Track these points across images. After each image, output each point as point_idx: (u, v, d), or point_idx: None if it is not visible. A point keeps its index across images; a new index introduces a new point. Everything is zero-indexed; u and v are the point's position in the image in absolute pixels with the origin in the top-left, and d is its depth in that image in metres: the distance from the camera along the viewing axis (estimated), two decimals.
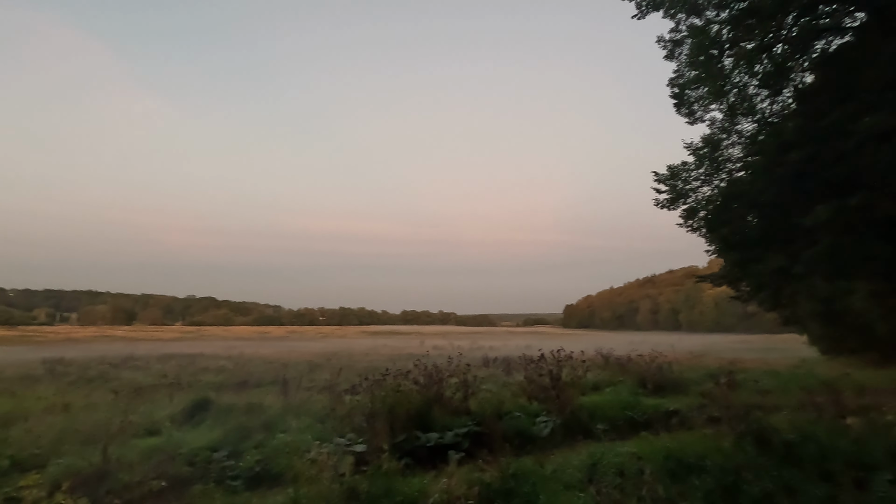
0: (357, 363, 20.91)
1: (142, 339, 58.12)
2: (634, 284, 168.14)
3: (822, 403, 7.03)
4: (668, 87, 13.12)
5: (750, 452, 5.10)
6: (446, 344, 37.59)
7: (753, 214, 11.36)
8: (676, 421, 7.72)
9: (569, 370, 9.72)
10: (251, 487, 5.28)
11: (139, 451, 6.06)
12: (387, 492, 4.39)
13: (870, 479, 4.59)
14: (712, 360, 18.64)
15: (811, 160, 9.22)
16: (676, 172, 12.98)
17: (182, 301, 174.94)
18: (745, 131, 12.27)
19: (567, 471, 5.01)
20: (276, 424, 7.76)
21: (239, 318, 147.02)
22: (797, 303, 18.34)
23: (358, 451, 6.00)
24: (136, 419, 8.06)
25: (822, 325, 20.44)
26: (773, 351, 30.25)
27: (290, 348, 39.14)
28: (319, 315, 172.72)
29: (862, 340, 18.77)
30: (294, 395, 10.25)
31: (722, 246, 12.88)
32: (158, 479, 4.36)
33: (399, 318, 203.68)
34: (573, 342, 20.01)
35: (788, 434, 5.46)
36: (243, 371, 19.20)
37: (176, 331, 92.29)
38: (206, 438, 7.01)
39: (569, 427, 7.39)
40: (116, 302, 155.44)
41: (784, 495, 4.31)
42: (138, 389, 12.60)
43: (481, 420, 7.26)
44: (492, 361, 18.00)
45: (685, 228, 13.42)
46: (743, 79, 11.65)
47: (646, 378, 11.21)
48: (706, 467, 4.84)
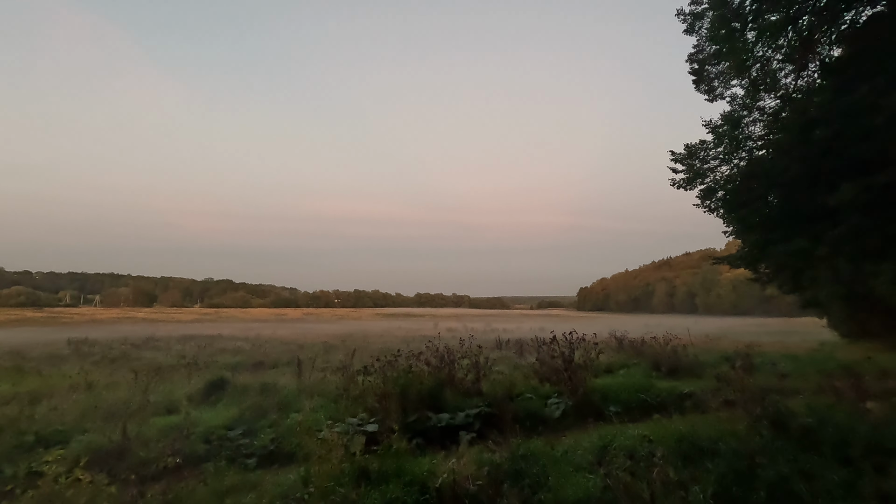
0: (371, 345, 21.12)
1: (162, 321, 59.49)
2: (650, 267, 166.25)
3: (842, 387, 6.88)
4: (686, 62, 12.69)
5: (766, 436, 5.01)
6: (460, 326, 37.79)
7: (774, 194, 11.00)
8: (690, 404, 7.63)
9: (581, 352, 9.66)
10: (264, 465, 5.38)
11: (157, 428, 6.22)
12: (397, 471, 4.42)
13: (891, 464, 4.48)
14: (729, 344, 18.40)
15: (837, 137, 8.84)
16: (694, 151, 12.59)
17: (200, 284, 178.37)
18: (768, 108, 11.79)
19: (577, 453, 4.99)
20: (291, 404, 7.89)
21: (256, 301, 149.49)
22: (818, 285, 17.88)
23: (370, 430, 6.06)
24: (156, 398, 8.28)
25: (843, 307, 19.95)
26: (792, 334, 29.75)
27: (306, 330, 39.72)
28: (335, 297, 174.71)
29: (885, 324, 18.30)
30: (308, 375, 10.39)
31: (741, 227, 12.55)
32: (174, 456, 4.45)
33: (413, 300, 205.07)
34: (587, 325, 19.93)
35: (806, 418, 5.35)
36: (260, 352, 19.57)
37: (195, 312, 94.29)
38: (223, 417, 7.17)
39: (580, 409, 7.36)
40: (138, 284, 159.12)
41: (801, 480, 4.23)
42: (158, 369, 12.92)
43: (493, 401, 7.28)
44: (504, 344, 18.02)
45: (702, 209, 13.10)
46: (766, 53, 11.15)
47: (660, 361, 11.11)
48: (720, 451, 4.77)
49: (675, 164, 13.03)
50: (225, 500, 3.93)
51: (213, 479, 4.30)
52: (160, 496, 3.67)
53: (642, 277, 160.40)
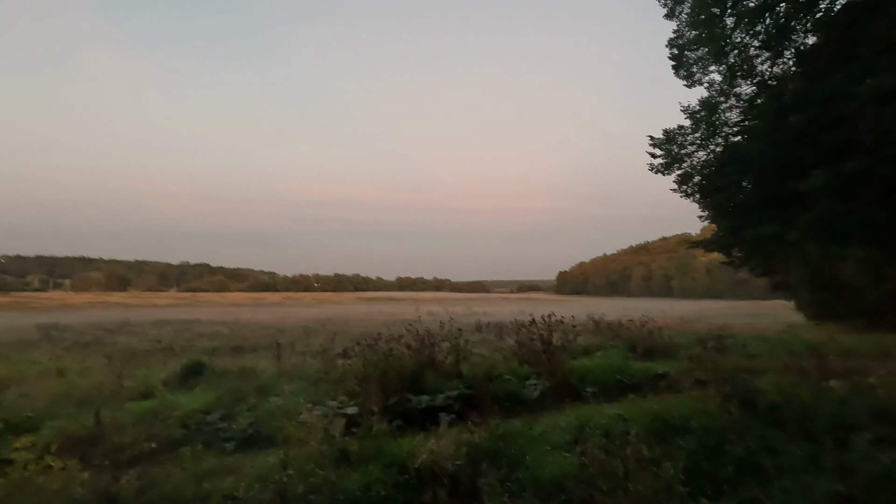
0: (352, 328, 21.08)
1: (137, 306, 58.16)
2: (628, 251, 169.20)
3: (808, 367, 7.17)
4: (666, 47, 12.76)
5: (735, 414, 5.20)
6: (441, 310, 37.91)
7: (748, 180, 11.26)
8: (664, 384, 7.85)
9: (560, 335, 9.81)
10: (243, 449, 5.36)
11: (132, 414, 6.12)
12: (377, 452, 4.45)
13: (851, 439, 4.70)
14: (702, 326, 18.94)
15: (810, 123, 9.05)
16: (672, 137, 12.74)
17: (176, 268, 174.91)
18: (744, 94, 11.98)
19: (555, 432, 5.09)
20: (270, 388, 7.85)
21: (234, 285, 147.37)
22: (788, 269, 18.53)
23: (350, 413, 6.07)
24: (131, 383, 8.14)
25: (811, 290, 20.74)
26: (762, 317, 30.78)
27: (285, 314, 39.39)
28: (314, 281, 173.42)
29: (849, 306, 19.10)
30: (288, 359, 10.35)
31: (715, 212, 12.84)
32: (150, 441, 4.39)
33: (394, 284, 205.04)
34: (566, 308, 20.21)
35: (773, 396, 5.57)
36: (238, 336, 19.37)
37: (171, 297, 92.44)
38: (200, 401, 7.09)
39: (558, 390, 7.52)
40: (110, 268, 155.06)
41: (766, 455, 4.40)
42: (133, 354, 12.68)
43: (472, 383, 7.37)
44: (484, 327, 18.20)
45: (679, 194, 13.32)
46: (744, 39, 11.28)
47: (636, 342, 11.38)
48: (691, 428, 4.94)
49: (653, 148, 13.18)
50: (202, 483, 3.90)
51: (190, 463, 4.26)
52: (135, 481, 3.63)
53: (620, 261, 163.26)
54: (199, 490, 3.79)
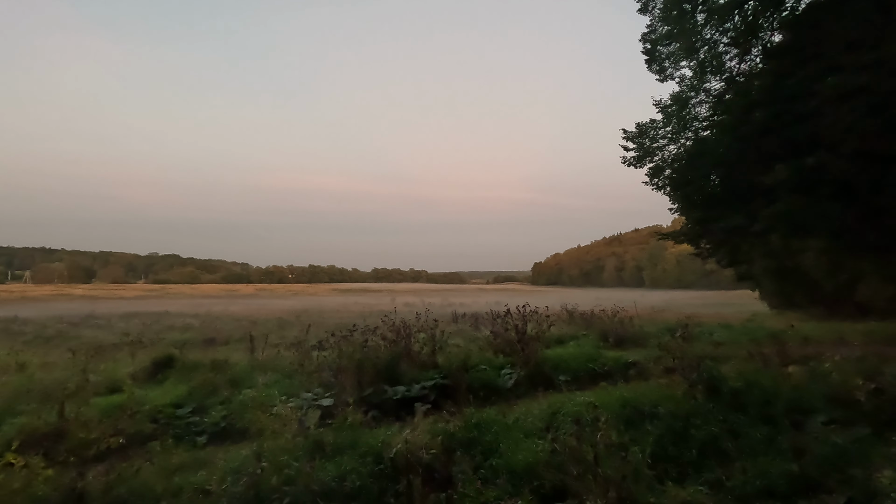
0: (327, 320, 20.90)
1: (103, 298, 56.13)
2: (602, 242, 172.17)
3: (769, 354, 7.45)
4: (640, 42, 12.94)
5: (700, 400, 5.39)
6: (417, 301, 37.96)
7: (716, 173, 11.60)
8: (634, 372, 8.06)
9: (534, 325, 9.95)
10: (216, 442, 5.29)
11: (99, 409, 5.94)
12: (352, 443, 4.45)
13: (806, 421, 4.95)
14: (672, 315, 19.48)
15: (775, 119, 9.37)
16: (644, 130, 13.00)
17: (144, 258, 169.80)
18: (713, 90, 12.31)
19: (528, 420, 5.19)
20: (243, 381, 7.75)
21: (206, 276, 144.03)
22: (752, 260, 19.21)
23: (325, 405, 6.06)
24: (97, 378, 7.87)
25: (773, 281, 21.58)
26: (729, 306, 31.86)
27: (259, 306, 38.74)
28: (289, 273, 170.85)
29: (809, 296, 19.98)
30: (262, 351, 10.19)
31: (684, 204, 13.19)
32: (117, 437, 4.29)
33: (370, 275, 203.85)
34: (540, 298, 20.47)
35: (736, 382, 5.78)
36: (210, 328, 18.96)
37: (139, 289, 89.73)
38: (170, 395, 6.94)
39: (532, 379, 7.63)
40: (73, 259, 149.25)
41: (729, 438, 4.60)
42: (99, 348, 12.25)
43: (448, 373, 7.42)
44: (461, 317, 18.30)
45: (651, 187, 13.63)
46: (714, 36, 11.56)
47: (608, 332, 11.63)
48: (659, 414, 5.10)
49: (626, 142, 13.42)
50: (173, 478, 3.84)
51: (160, 457, 4.18)
52: (102, 477, 3.54)
53: (594, 252, 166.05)
54: (170, 484, 3.73)
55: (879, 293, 16.31)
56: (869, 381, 5.52)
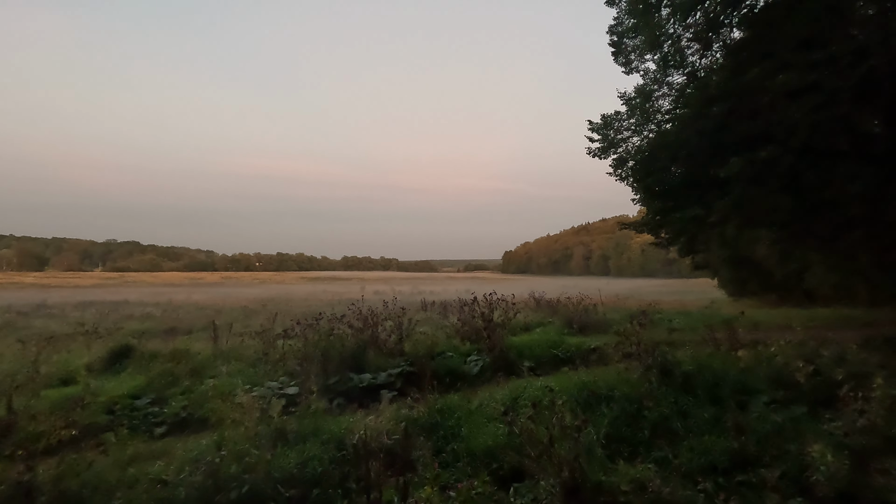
0: (295, 309, 20.62)
1: (56, 286, 53.56)
2: (570, 232, 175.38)
3: (721, 339, 7.82)
4: (607, 34, 13.15)
5: (654, 383, 5.64)
6: (387, 289, 37.89)
7: (676, 165, 11.97)
8: (595, 357, 8.32)
9: (500, 312, 10.12)
10: (175, 433, 5.21)
11: (50, 401, 5.75)
12: (315, 430, 4.48)
13: (750, 401, 5.25)
14: (634, 303, 20.12)
15: (731, 114, 9.72)
16: (609, 122, 13.26)
17: (102, 245, 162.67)
18: (676, 84, 12.63)
19: (491, 405, 5.32)
20: (205, 370, 7.62)
21: (168, 264, 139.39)
22: (710, 249, 20.03)
23: (290, 393, 6.04)
24: (49, 369, 7.60)
25: (729, 269, 22.59)
26: (689, 294, 33.14)
27: (224, 294, 37.80)
28: (256, 261, 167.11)
29: (762, 283, 21.02)
30: (225, 340, 9.99)
31: (646, 195, 13.55)
32: (70, 429, 4.16)
33: (340, 263, 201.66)
34: (509, 286, 20.77)
35: (688, 366, 6.07)
36: (172, 318, 18.45)
37: (95, 277, 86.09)
38: (128, 386, 6.78)
39: (498, 365, 7.77)
40: (23, 246, 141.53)
41: (678, 418, 4.85)
42: (51, 338, 11.72)
43: (415, 360, 7.49)
44: (430, 305, 18.38)
45: (615, 178, 13.93)
46: (677, 30, 11.83)
47: (573, 319, 11.91)
48: (615, 397, 5.32)
49: (592, 133, 13.66)
50: (128, 469, 3.77)
51: (115, 449, 4.09)
52: (52, 470, 3.44)
53: (562, 241, 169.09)
54: (125, 475, 3.67)
55: (825, 281, 17.32)
56: (808, 364, 5.88)
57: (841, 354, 6.33)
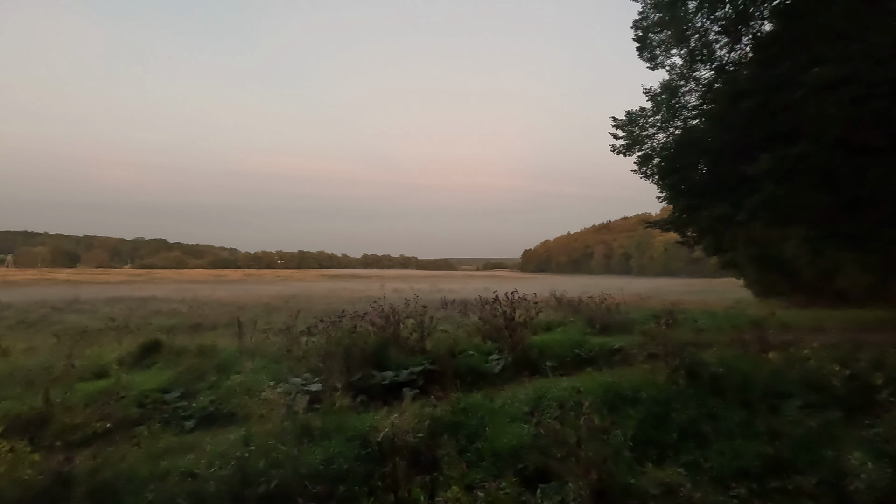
0: (316, 306, 20.87)
1: (87, 283, 55.32)
2: (590, 230, 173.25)
3: (749, 340, 7.62)
4: (631, 28, 12.92)
5: (681, 384, 5.53)
6: (406, 287, 37.98)
7: (704, 162, 11.70)
8: (619, 358, 8.18)
9: (522, 311, 10.03)
10: (203, 427, 5.30)
11: (84, 394, 5.92)
12: (339, 427, 4.50)
13: (782, 405, 5.10)
14: (657, 302, 19.76)
15: (761, 109, 9.45)
16: (634, 118, 13.04)
17: (130, 243, 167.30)
18: (703, 79, 12.34)
19: (514, 404, 5.28)
20: (231, 366, 7.74)
21: (192, 261, 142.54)
22: (736, 248, 19.53)
23: (313, 390, 6.08)
24: (82, 363, 7.84)
25: (756, 269, 21.96)
26: (713, 293, 32.40)
27: (247, 291, 38.51)
28: (277, 258, 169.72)
29: (790, 284, 20.38)
30: (250, 337, 10.17)
31: (672, 193, 13.30)
32: (104, 421, 4.28)
33: (360, 261, 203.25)
34: (529, 285, 20.62)
35: (716, 367, 5.92)
36: (197, 314, 18.87)
37: (124, 274, 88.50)
38: (157, 380, 6.93)
39: (519, 364, 7.72)
40: (56, 243, 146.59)
41: (707, 421, 4.73)
42: (84, 333, 12.16)
43: (436, 359, 7.48)
44: (449, 303, 18.36)
45: (639, 175, 13.71)
46: (705, 24, 11.56)
47: (595, 318, 11.74)
48: (641, 398, 5.23)
49: (616, 130, 13.45)
50: (160, 462, 3.86)
51: (147, 441, 4.20)
52: (89, 461, 3.55)
53: (583, 240, 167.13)
54: (157, 468, 3.76)
55: (857, 282, 16.69)
56: (843, 367, 5.69)
57: (879, 358, 6.09)
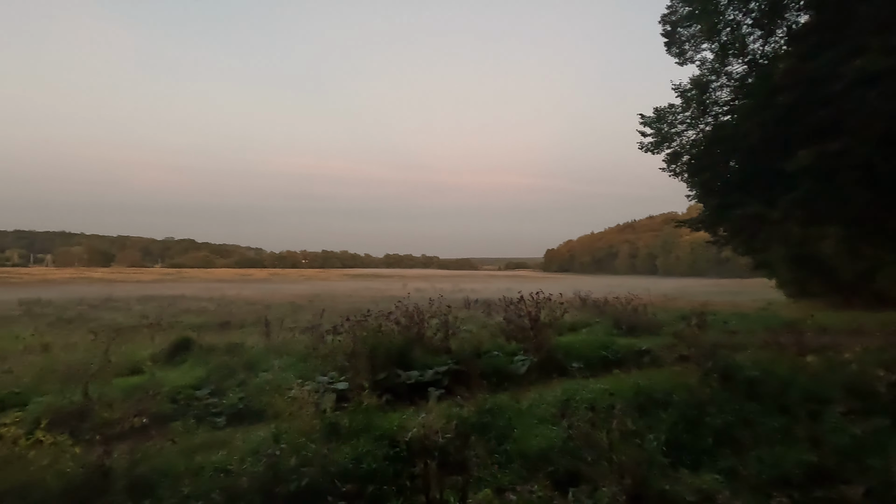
0: (339, 305, 21.08)
1: (120, 281, 57.27)
2: (615, 230, 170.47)
3: (785, 343, 7.36)
4: (659, 23, 12.61)
5: (714, 388, 5.37)
6: (428, 287, 38.05)
7: (735, 159, 11.35)
8: (648, 360, 8.02)
9: (547, 311, 9.93)
10: (234, 423, 5.40)
11: (120, 389, 6.10)
12: (367, 426, 4.52)
13: (823, 411, 4.90)
14: (685, 303, 19.30)
15: (798, 104, 9.10)
16: (663, 115, 12.73)
17: (160, 243, 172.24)
18: (735, 73, 11.95)
19: (541, 406, 5.21)
20: (259, 363, 7.86)
21: (220, 261, 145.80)
22: (770, 247, 18.90)
23: (340, 388, 6.13)
24: (118, 359, 8.06)
25: (790, 269, 21.21)
26: (742, 294, 31.46)
27: (272, 290, 39.20)
28: (302, 258, 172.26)
29: (826, 284, 19.62)
30: (276, 335, 10.33)
31: (702, 191, 12.96)
32: (140, 416, 4.40)
33: (382, 261, 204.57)
34: (552, 285, 20.41)
35: (751, 371, 5.74)
36: (225, 312, 19.26)
37: (155, 273, 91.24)
38: (189, 377, 7.09)
39: (545, 365, 7.63)
40: (92, 243, 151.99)
41: (743, 427, 4.58)
42: (119, 330, 12.54)
43: (461, 359, 7.45)
44: (472, 303, 18.33)
45: (668, 173, 13.39)
46: (737, 17, 11.21)
47: (621, 319, 11.56)
48: (673, 402, 5.09)
49: (644, 127, 13.16)
50: (195, 457, 3.94)
51: (182, 437, 4.29)
52: (127, 455, 3.65)
53: (606, 239, 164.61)
54: (192, 463, 3.83)
55: None
56: (889, 372, 5.44)
57: None
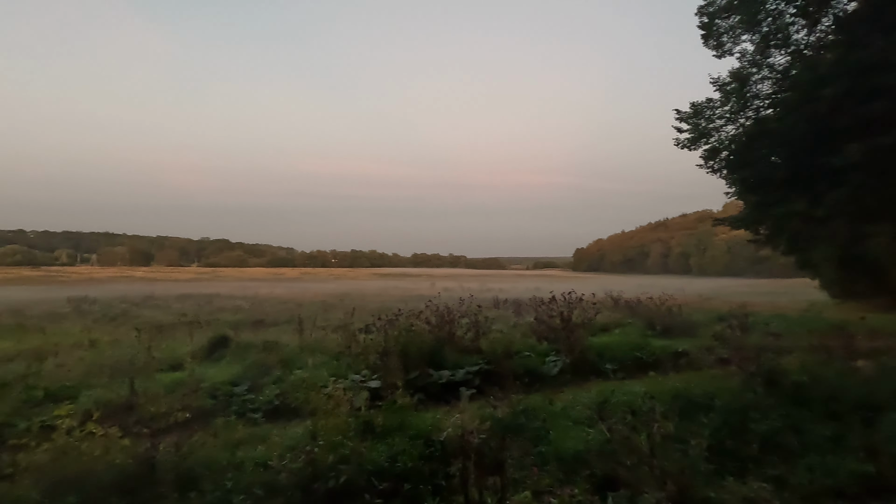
0: (369, 304, 21.29)
1: (160, 280, 59.60)
2: (646, 228, 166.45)
3: (833, 346, 7.02)
4: (696, 15, 12.20)
5: (759, 392, 5.17)
6: (456, 286, 38.04)
7: (778, 155, 10.85)
8: (685, 362, 7.82)
9: (579, 311, 9.77)
10: (270, 420, 5.52)
11: (163, 384, 6.32)
12: (401, 425, 4.55)
13: (878, 418, 4.64)
14: (721, 303, 18.66)
15: (846, 95, 8.64)
16: (700, 110, 12.30)
17: (196, 243, 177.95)
18: (777, 65, 11.44)
19: (576, 408, 5.13)
20: (293, 361, 8.02)
21: (253, 260, 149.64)
22: (814, 246, 18.06)
23: (373, 387, 6.19)
24: (159, 355, 8.37)
25: (836, 269, 20.20)
26: (782, 295, 30.19)
27: (303, 289, 39.94)
28: (331, 257, 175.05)
29: (874, 285, 18.60)
30: (309, 333, 10.51)
31: (742, 188, 12.46)
32: (183, 411, 4.54)
33: (410, 260, 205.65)
34: (582, 285, 20.09)
35: (798, 375, 5.50)
36: (259, 310, 19.73)
37: (192, 272, 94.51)
38: (227, 373, 7.30)
39: (577, 366, 7.53)
40: (133, 244, 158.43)
41: (791, 434, 4.39)
42: (159, 327, 13.03)
43: (492, 359, 7.43)
44: (502, 303, 18.22)
45: (705, 170, 12.94)
46: (779, 6, 10.72)
47: (654, 320, 11.29)
48: (714, 406, 4.93)
49: (680, 123, 12.76)
50: (236, 452, 4.05)
51: (224, 432, 4.42)
52: (173, 448, 3.77)
53: (637, 238, 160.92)
54: (233, 458, 3.94)
55: None
56: None
57: None
